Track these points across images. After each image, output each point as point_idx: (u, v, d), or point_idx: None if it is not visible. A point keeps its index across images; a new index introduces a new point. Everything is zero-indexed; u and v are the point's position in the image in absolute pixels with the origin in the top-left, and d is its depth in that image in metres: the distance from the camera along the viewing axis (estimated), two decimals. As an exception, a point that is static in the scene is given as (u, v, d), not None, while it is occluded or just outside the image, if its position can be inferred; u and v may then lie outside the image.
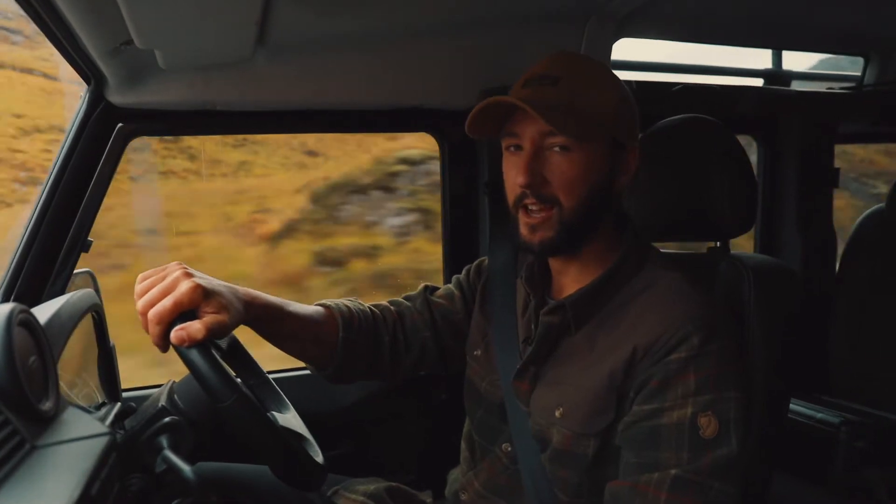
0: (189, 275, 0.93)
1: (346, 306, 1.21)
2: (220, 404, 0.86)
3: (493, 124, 1.06)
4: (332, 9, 1.26)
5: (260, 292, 1.06)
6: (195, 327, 0.88)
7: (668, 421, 0.95)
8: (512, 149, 1.06)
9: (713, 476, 0.93)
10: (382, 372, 1.25)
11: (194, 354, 0.87)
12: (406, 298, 1.31)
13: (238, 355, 1.11)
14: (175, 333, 0.87)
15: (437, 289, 1.34)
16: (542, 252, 1.06)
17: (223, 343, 1.06)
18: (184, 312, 0.89)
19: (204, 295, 0.91)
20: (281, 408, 1.11)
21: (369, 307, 1.25)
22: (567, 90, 1.01)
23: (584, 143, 1.00)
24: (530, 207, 1.03)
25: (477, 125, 1.06)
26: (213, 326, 0.89)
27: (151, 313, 0.89)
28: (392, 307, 1.28)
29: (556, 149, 1.00)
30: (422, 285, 1.34)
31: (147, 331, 0.90)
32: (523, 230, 1.05)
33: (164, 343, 0.89)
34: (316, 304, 1.20)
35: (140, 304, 0.90)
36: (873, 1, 1.64)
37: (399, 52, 1.46)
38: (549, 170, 1.01)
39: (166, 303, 0.89)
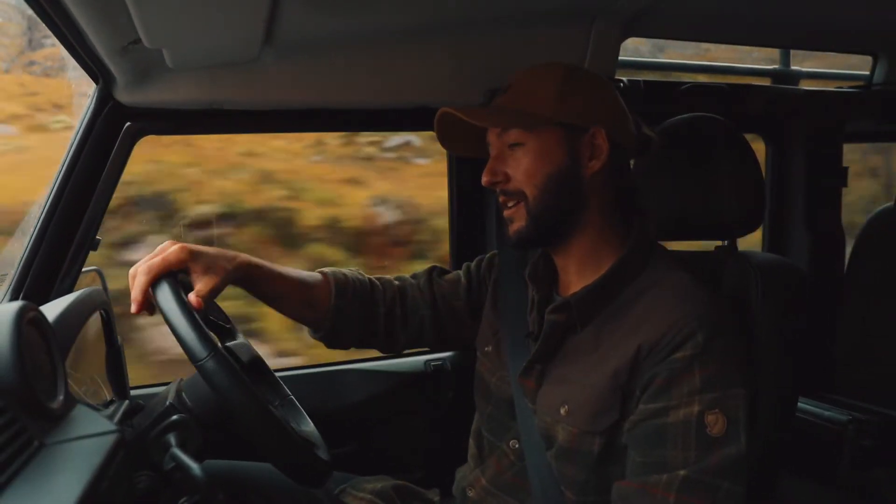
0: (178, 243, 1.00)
1: (343, 274, 1.25)
2: (195, 362, 0.88)
3: (474, 139, 1.15)
4: (339, 9, 1.26)
5: (251, 256, 1.12)
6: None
7: (674, 419, 0.94)
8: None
9: (721, 475, 0.93)
10: (377, 341, 1.29)
11: (173, 309, 0.90)
12: (413, 276, 1.34)
13: (260, 372, 1.11)
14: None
15: (446, 272, 1.35)
16: (517, 243, 1.12)
17: (244, 357, 1.06)
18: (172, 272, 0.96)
19: (191, 255, 0.99)
20: (300, 423, 1.11)
21: (369, 278, 1.28)
22: (512, 93, 1.10)
23: (534, 134, 1.06)
24: (504, 203, 1.11)
25: (455, 142, 1.21)
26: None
27: (141, 266, 0.96)
28: (395, 281, 1.31)
29: (512, 146, 1.09)
30: (430, 265, 1.36)
31: (133, 289, 0.96)
32: (506, 224, 1.12)
33: (144, 297, 0.96)
34: (315, 272, 1.24)
35: (131, 270, 0.97)
36: (882, 0, 1.63)
37: (405, 51, 1.46)
38: (510, 166, 1.09)
39: (155, 258, 0.97)
